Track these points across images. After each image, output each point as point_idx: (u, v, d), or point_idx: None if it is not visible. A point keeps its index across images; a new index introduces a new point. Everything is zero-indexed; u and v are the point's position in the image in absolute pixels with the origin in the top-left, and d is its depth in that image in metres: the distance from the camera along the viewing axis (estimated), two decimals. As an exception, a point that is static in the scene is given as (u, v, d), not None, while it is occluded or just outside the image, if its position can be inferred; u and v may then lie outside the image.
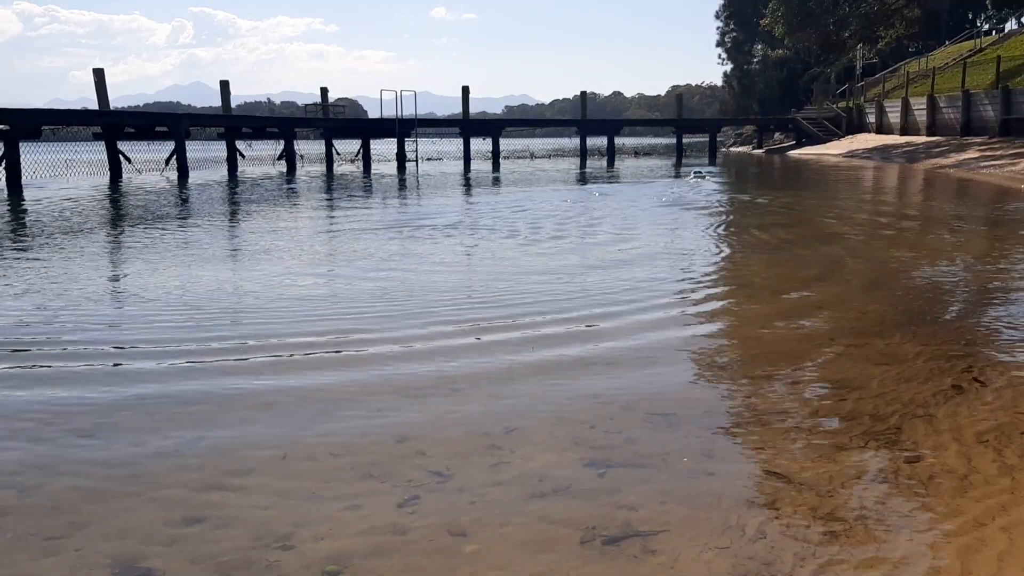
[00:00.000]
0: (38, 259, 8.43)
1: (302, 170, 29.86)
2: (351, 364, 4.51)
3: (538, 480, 3.00)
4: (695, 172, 25.11)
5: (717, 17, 63.86)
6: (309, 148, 36.42)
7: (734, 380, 4.26)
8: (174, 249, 9.17)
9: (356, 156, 35.10)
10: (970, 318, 5.65)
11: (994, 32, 46.28)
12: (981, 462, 3.07)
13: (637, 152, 46.46)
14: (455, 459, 3.21)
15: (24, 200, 16.14)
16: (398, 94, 31.35)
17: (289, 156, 30.59)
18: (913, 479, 2.95)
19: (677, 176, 24.62)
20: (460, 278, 7.26)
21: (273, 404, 3.88)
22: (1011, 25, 46.91)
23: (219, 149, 30.82)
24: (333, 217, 13.49)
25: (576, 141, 38.41)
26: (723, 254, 8.68)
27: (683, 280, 6.98)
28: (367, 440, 3.43)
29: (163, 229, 11.11)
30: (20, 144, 20.35)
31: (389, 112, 31.81)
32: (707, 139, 41.88)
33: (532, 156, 41.98)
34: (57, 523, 2.71)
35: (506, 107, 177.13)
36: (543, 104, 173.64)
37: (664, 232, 10.26)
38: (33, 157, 22.66)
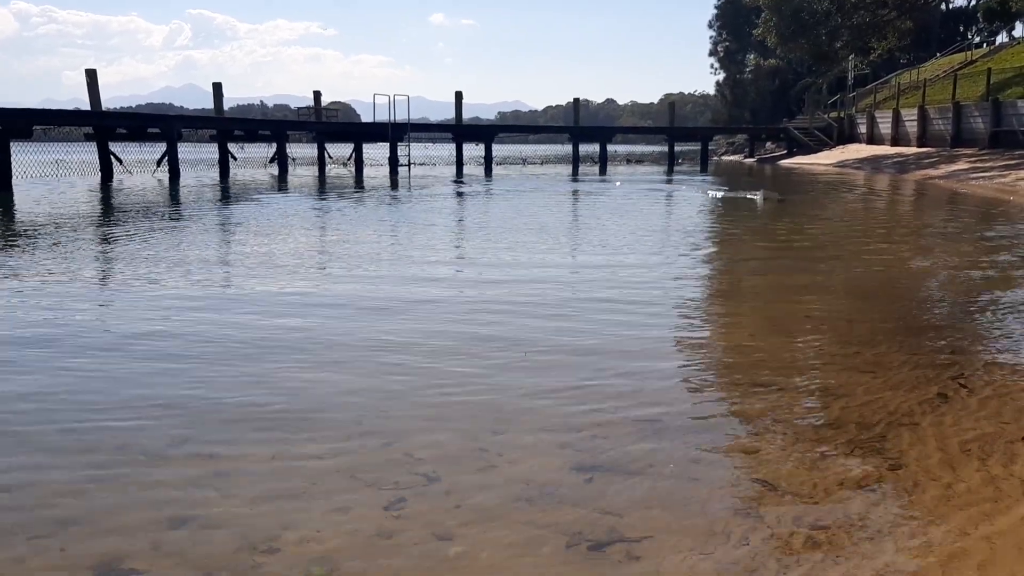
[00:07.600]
0: None
1: (294, 173, 29.79)
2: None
3: (524, 484, 3.00)
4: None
5: (710, 27, 64.15)
6: (301, 151, 36.33)
7: (720, 387, 4.27)
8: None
9: (348, 160, 35.06)
10: (957, 328, 5.68)
11: (985, 45, 46.65)
12: (965, 471, 3.09)
13: (629, 159, 46.57)
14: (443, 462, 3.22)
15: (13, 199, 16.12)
16: (391, 98, 31.27)
17: (281, 159, 30.51)
18: (897, 487, 2.96)
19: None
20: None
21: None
22: (1002, 38, 47.32)
23: (211, 151, 30.71)
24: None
25: (569, 148, 38.41)
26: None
27: (670, 281, 7.00)
28: (354, 442, 3.43)
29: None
30: (11, 144, 20.24)
31: (382, 116, 31.70)
32: (699, 147, 42.00)
33: (524, 162, 42.02)
34: None
35: (499, 113, 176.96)
36: (536, 110, 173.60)
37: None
38: (24, 157, 22.56)
